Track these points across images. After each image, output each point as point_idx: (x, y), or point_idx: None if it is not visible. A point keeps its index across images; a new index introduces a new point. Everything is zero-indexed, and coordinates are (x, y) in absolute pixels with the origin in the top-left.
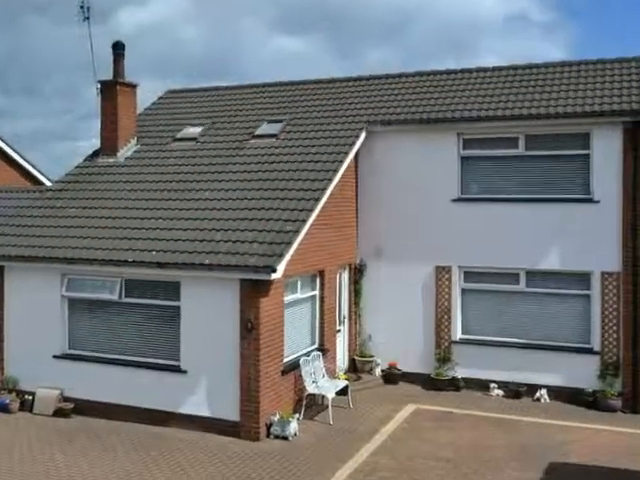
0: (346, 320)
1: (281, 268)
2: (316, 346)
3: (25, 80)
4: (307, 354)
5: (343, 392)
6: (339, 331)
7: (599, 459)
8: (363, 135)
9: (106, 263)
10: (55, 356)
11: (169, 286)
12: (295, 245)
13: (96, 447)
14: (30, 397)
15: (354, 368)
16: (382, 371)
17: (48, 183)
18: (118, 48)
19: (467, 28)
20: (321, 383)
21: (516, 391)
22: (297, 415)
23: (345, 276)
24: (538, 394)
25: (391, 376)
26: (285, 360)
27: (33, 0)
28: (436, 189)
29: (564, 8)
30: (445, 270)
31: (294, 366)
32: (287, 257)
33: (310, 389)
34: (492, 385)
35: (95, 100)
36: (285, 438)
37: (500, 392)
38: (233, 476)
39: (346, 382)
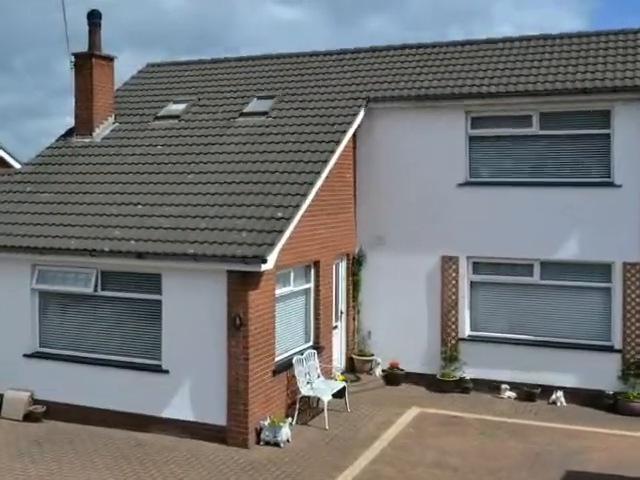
0: (343, 315)
1: (272, 258)
2: (311, 344)
3: None
4: (301, 352)
5: (340, 394)
6: (336, 327)
7: (621, 468)
8: (362, 113)
9: (80, 253)
10: (25, 355)
11: (149, 278)
12: (287, 233)
13: (71, 457)
14: None
15: (352, 368)
16: (383, 371)
17: (17, 165)
18: (94, 17)
19: None
20: (316, 384)
21: (529, 393)
22: (290, 419)
23: (342, 267)
24: (554, 396)
25: (393, 377)
26: (277, 359)
27: None
28: (442, 172)
29: None
30: (452, 261)
31: (286, 366)
32: (279, 246)
33: (304, 391)
34: (503, 387)
35: (69, 75)
36: (276, 444)
37: (512, 394)
38: None
39: (343, 383)
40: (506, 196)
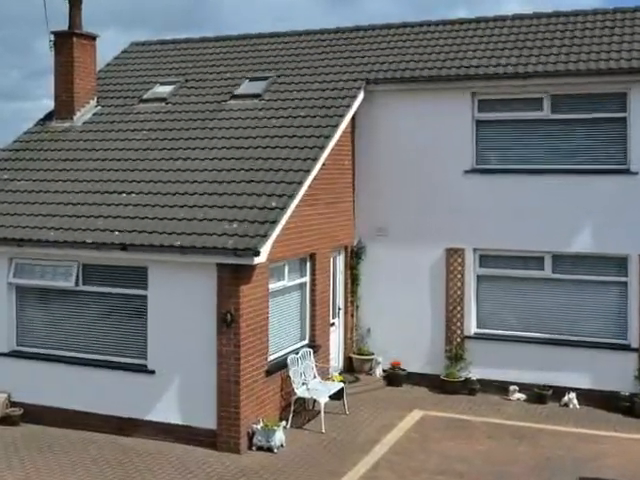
0: (341, 312)
1: (265, 251)
2: (306, 342)
3: None
4: (296, 351)
5: (338, 396)
6: (333, 324)
7: (637, 475)
8: (361, 95)
9: (61, 245)
10: (1, 354)
11: (135, 272)
12: (282, 224)
13: (50, 462)
14: None
15: (351, 368)
16: (383, 371)
17: None
18: None
19: None
20: (312, 385)
21: (540, 395)
22: (284, 423)
23: (340, 260)
24: (566, 398)
25: (394, 377)
26: (270, 358)
27: None
28: (447, 158)
29: None
30: (457, 253)
31: (281, 365)
32: (272, 238)
33: (299, 392)
34: (512, 388)
35: (48, 55)
36: (270, 450)
37: (522, 396)
38: None
39: (341, 384)
40: (515, 184)
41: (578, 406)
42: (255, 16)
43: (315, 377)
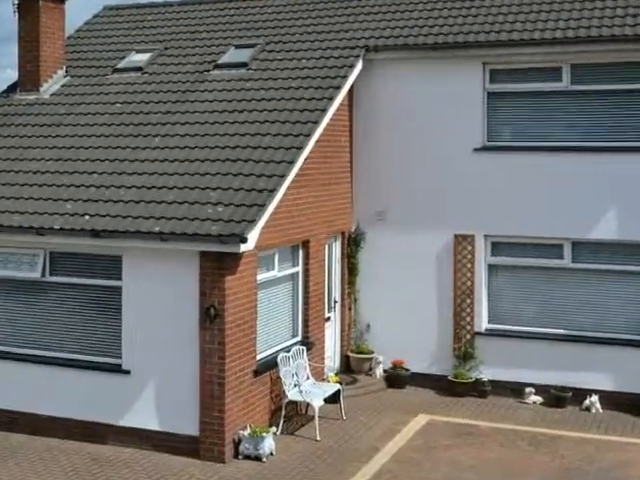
0: (338, 305)
1: (253, 237)
2: (299, 339)
3: None
4: (287, 349)
5: (334, 399)
6: (329, 319)
7: None
8: (360, 65)
9: (25, 231)
10: None
11: (108, 261)
12: (271, 208)
13: (15, 474)
14: None
15: (348, 368)
16: (384, 371)
17: None
18: None
19: None
20: (305, 387)
21: (559, 397)
22: (274, 429)
23: (337, 248)
24: (588, 401)
25: (396, 378)
26: (258, 357)
27: None
28: (455, 135)
29: None
30: (467, 240)
31: (270, 365)
32: (261, 223)
33: (291, 395)
34: (528, 390)
35: (11, 20)
36: (258, 459)
37: (538, 399)
38: None
39: (338, 386)
40: (531, 163)
41: (601, 410)
42: None
43: (308, 378)
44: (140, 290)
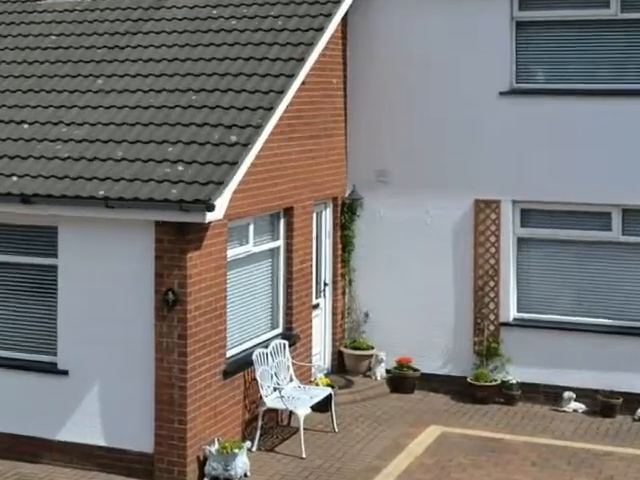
0: (328, 289)
1: (222, 204)
2: (280, 331)
3: None
4: (265, 344)
5: (324, 406)
6: (317, 306)
7: None
8: None
9: None
10: None
11: (40, 233)
12: (245, 167)
13: None
14: None
15: (342, 367)
16: (387, 372)
17: None
18: None
19: None
20: (288, 392)
21: (606, 405)
22: (248, 444)
23: (327, 217)
24: None
25: (402, 380)
26: (229, 354)
27: None
28: (475, 75)
29: None
30: (490, 207)
31: (244, 364)
32: (232, 186)
33: (270, 401)
34: (567, 395)
35: None
36: None
37: (580, 406)
38: None
39: (329, 390)
40: (570, 110)
41: None
42: None
43: (292, 380)
44: (80, 270)
